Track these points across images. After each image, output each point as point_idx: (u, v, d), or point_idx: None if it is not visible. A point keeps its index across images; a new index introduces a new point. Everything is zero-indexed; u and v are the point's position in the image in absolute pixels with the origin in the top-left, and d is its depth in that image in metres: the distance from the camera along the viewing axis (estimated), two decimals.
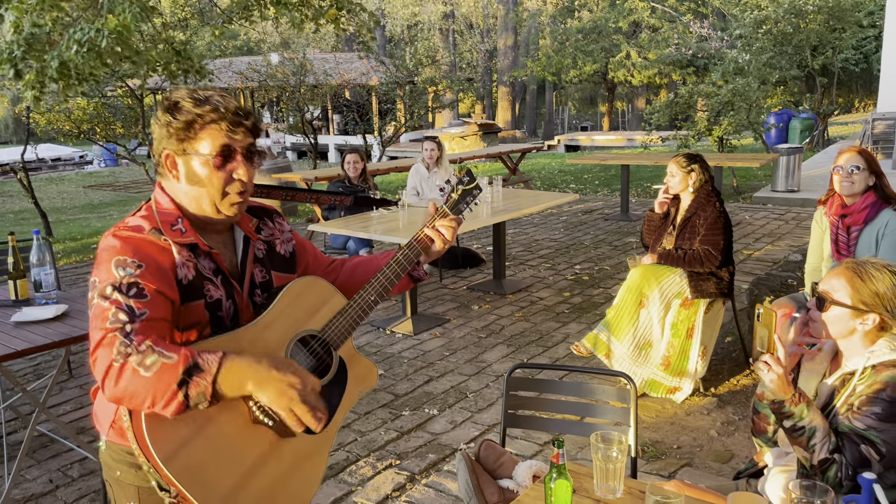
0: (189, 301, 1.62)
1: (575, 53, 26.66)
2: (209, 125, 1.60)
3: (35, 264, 3.51)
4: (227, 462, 1.55)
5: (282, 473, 1.63)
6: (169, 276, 1.59)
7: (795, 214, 9.28)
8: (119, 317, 1.49)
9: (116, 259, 1.55)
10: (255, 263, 1.78)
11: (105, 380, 1.45)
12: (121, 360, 1.44)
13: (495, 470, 2.43)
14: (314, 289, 1.78)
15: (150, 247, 1.59)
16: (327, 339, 1.77)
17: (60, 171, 24.67)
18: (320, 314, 1.77)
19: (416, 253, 1.91)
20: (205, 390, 1.46)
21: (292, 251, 1.91)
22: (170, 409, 1.45)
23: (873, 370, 1.92)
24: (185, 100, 1.60)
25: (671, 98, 12.21)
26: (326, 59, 21.50)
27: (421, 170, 7.06)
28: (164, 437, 1.48)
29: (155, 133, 1.64)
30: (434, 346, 5.18)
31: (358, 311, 1.81)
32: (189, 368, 1.45)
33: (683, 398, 4.15)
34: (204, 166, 1.62)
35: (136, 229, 1.61)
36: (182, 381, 1.44)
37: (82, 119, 12.03)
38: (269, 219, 1.88)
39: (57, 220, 12.18)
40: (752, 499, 1.61)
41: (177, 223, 1.65)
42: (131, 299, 1.52)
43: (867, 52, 24.64)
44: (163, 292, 1.56)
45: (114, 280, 1.53)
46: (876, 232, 3.46)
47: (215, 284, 1.67)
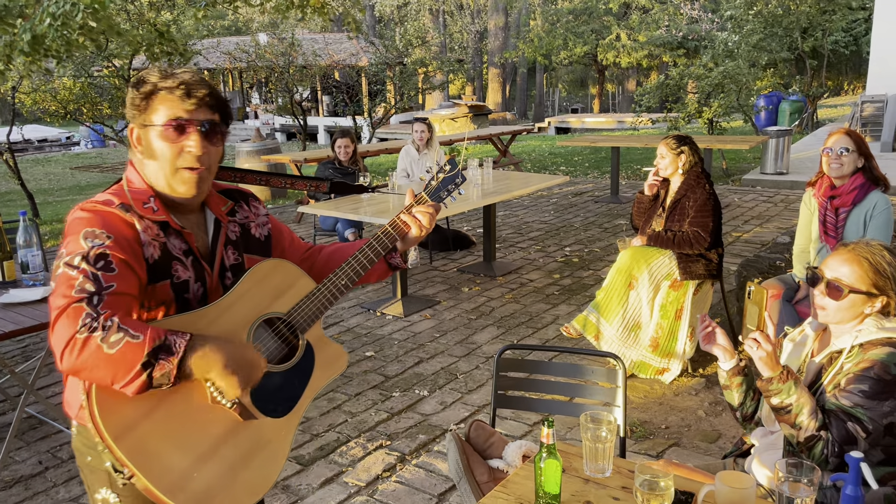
0: (155, 281, 1.60)
1: (565, 35, 26.56)
2: (164, 95, 1.58)
3: (22, 246, 3.48)
4: (182, 442, 1.51)
5: (241, 456, 1.60)
6: (137, 250, 1.57)
7: (784, 197, 9.32)
8: (86, 287, 1.46)
9: (86, 230, 1.53)
10: (228, 246, 1.76)
11: (65, 350, 1.40)
12: (85, 333, 1.40)
13: (485, 450, 2.44)
14: (280, 271, 1.75)
15: (118, 220, 1.57)
16: (293, 323, 1.74)
17: (47, 153, 24.44)
18: (287, 297, 1.74)
19: (392, 239, 1.86)
20: (169, 372, 1.44)
21: (268, 235, 1.88)
22: (131, 388, 1.42)
23: (861, 348, 1.94)
24: (151, 73, 1.60)
25: (661, 80, 12.21)
26: (315, 40, 21.33)
27: (411, 151, 7.03)
28: (115, 415, 1.45)
29: (128, 108, 1.64)
30: (424, 328, 5.19)
31: (326, 296, 1.78)
32: (155, 349, 1.43)
33: (672, 379, 4.18)
34: (158, 138, 1.60)
35: (104, 203, 1.60)
36: (147, 363, 1.42)
37: (68, 99, 11.90)
38: (244, 202, 1.85)
39: (44, 201, 12.08)
40: (740, 477, 1.62)
41: (149, 202, 1.63)
42: (99, 271, 1.49)
43: (857, 35, 24.64)
44: (131, 266, 1.54)
45: (82, 250, 1.50)
46: (864, 213, 3.48)
47: (184, 265, 1.65)
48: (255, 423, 1.63)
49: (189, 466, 1.51)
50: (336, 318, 5.43)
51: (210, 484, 1.53)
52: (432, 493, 3.20)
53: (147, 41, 7.16)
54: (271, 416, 1.66)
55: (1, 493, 3.30)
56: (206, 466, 1.54)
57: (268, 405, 1.66)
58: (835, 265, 2.01)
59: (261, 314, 1.68)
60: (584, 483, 1.82)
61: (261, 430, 1.64)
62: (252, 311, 1.67)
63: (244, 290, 1.67)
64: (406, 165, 7.03)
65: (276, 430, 1.68)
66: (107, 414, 1.44)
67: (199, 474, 1.52)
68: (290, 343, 1.76)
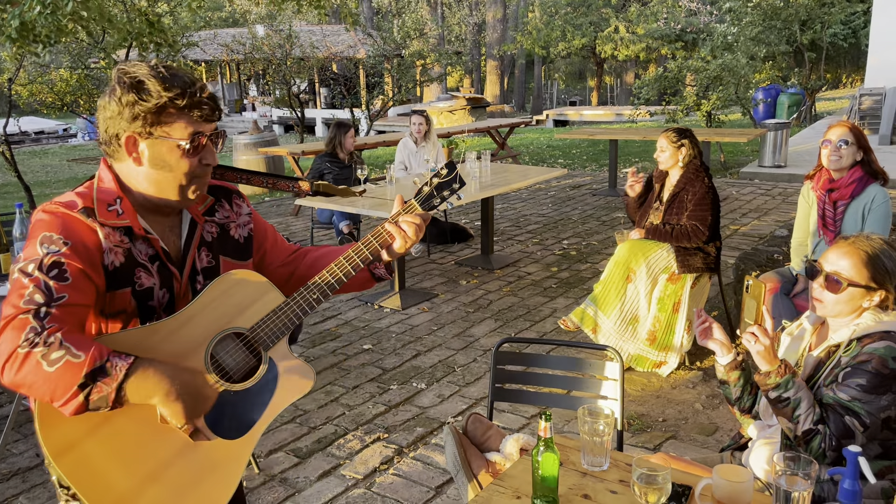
0: (115, 288, 1.54)
1: (564, 27, 26.48)
2: (183, 111, 1.52)
3: (18, 238, 3.47)
4: (127, 462, 1.47)
5: (191, 478, 1.53)
6: (95, 258, 1.51)
7: (782, 190, 9.32)
8: (35, 297, 1.42)
9: (43, 235, 1.48)
10: (201, 247, 1.69)
11: (6, 364, 1.37)
12: (26, 349, 1.37)
13: (483, 443, 2.44)
14: (247, 283, 1.64)
15: (79, 225, 1.52)
16: (255, 339, 1.64)
17: (44, 145, 24.36)
18: (251, 311, 1.63)
19: (373, 251, 1.73)
20: (107, 395, 1.40)
21: (248, 236, 1.80)
22: (68, 409, 1.39)
23: (858, 342, 1.94)
24: (150, 79, 1.50)
25: (660, 73, 12.18)
26: (313, 32, 21.27)
27: (409, 144, 7.01)
28: (58, 430, 1.41)
29: (109, 111, 1.53)
30: (422, 321, 5.18)
31: (295, 311, 1.66)
32: (94, 371, 1.38)
33: (669, 372, 4.18)
34: (173, 151, 1.54)
35: (67, 205, 1.53)
36: (84, 384, 1.37)
37: (65, 91, 11.85)
38: (226, 200, 1.78)
39: (41, 193, 12.04)
40: (737, 470, 1.62)
41: (114, 203, 1.56)
42: (52, 280, 1.44)
43: (856, 27, 24.61)
44: (88, 274, 1.49)
45: (37, 257, 1.45)
46: (862, 207, 3.48)
47: (149, 271, 1.59)
48: (207, 445, 1.56)
49: (133, 488, 1.47)
50: (334, 310, 5.42)
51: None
52: (430, 485, 3.20)
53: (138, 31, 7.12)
54: (226, 438, 1.59)
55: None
56: (152, 488, 1.49)
57: (223, 426, 1.59)
58: (834, 258, 2.01)
59: (221, 329, 1.60)
60: (581, 476, 1.82)
61: (213, 452, 1.57)
62: (212, 325, 1.59)
63: (206, 303, 1.59)
64: (404, 158, 7.01)
65: (229, 452, 1.59)
66: (49, 429, 1.41)
67: (142, 496, 1.47)
68: (252, 360, 1.67)
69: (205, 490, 1.55)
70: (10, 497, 3.21)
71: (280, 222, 8.56)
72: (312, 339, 4.91)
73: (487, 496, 1.78)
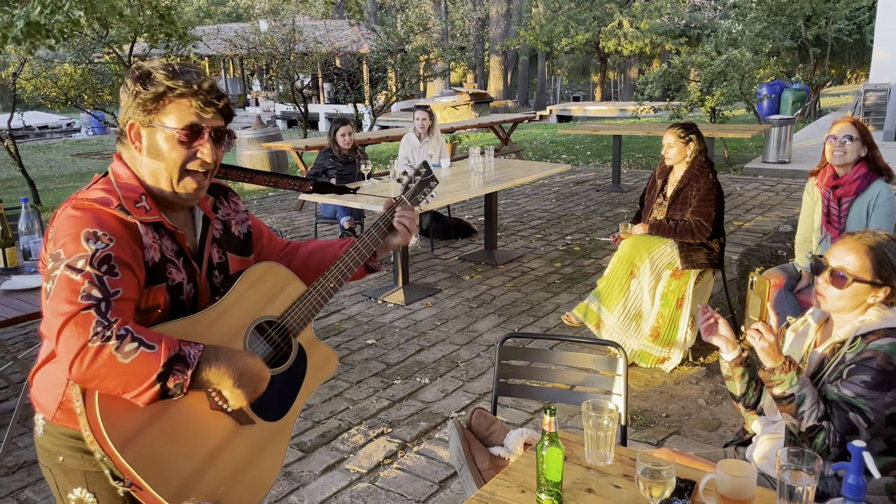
0: (152, 284, 1.56)
1: (567, 22, 26.40)
2: (179, 99, 1.54)
3: (24, 232, 3.48)
4: (184, 449, 1.51)
5: (241, 461, 1.61)
6: (139, 254, 1.53)
7: (786, 186, 9.30)
8: (92, 293, 1.41)
9: (86, 231, 1.46)
10: (213, 244, 1.73)
11: (75, 359, 1.37)
12: (97, 343, 1.37)
13: (487, 438, 2.44)
14: (273, 274, 1.75)
15: (118, 222, 1.52)
16: (286, 326, 1.74)
17: (48, 139, 24.38)
18: (279, 300, 1.74)
19: (376, 242, 1.89)
20: (183, 383, 1.43)
21: (247, 232, 1.84)
22: (143, 399, 1.41)
23: (863, 339, 1.94)
24: (158, 71, 1.54)
25: (664, 68, 12.15)
26: (316, 26, 21.23)
27: (412, 140, 7.01)
28: (119, 423, 1.43)
29: (123, 102, 1.57)
30: (426, 316, 5.19)
31: (317, 298, 1.78)
32: (171, 360, 1.41)
33: (672, 367, 4.19)
34: (167, 140, 1.55)
35: (101, 202, 1.53)
36: (162, 374, 1.40)
37: (69, 85, 11.86)
38: (224, 198, 1.81)
39: (45, 188, 12.06)
40: (741, 465, 1.63)
41: (141, 200, 1.57)
42: (104, 275, 1.43)
43: (860, 23, 24.52)
44: (133, 270, 1.50)
45: (85, 252, 1.44)
46: (867, 203, 3.48)
47: (177, 266, 1.62)
48: (252, 428, 1.64)
49: (193, 472, 1.51)
50: (338, 305, 5.43)
51: (214, 489, 1.54)
52: (433, 479, 3.21)
53: (148, 24, 7.15)
54: (267, 420, 1.67)
55: (4, 478, 3.32)
56: (210, 472, 1.54)
57: (263, 408, 1.67)
58: (839, 254, 2.01)
59: (255, 318, 1.69)
60: (585, 471, 1.83)
61: (258, 434, 1.65)
62: (247, 314, 1.67)
63: (239, 294, 1.67)
64: (407, 153, 7.01)
65: (272, 433, 1.69)
66: (111, 423, 1.43)
67: (202, 480, 1.52)
68: (283, 346, 1.76)
69: (256, 470, 1.64)
70: (16, 490, 3.22)
71: (284, 217, 8.57)
72: (317, 333, 4.89)
73: (492, 490, 1.78)
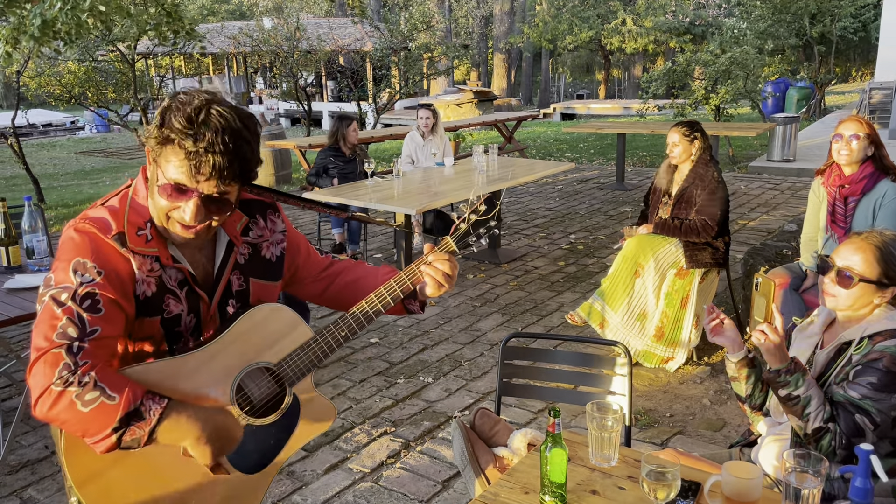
0: (145, 316, 1.52)
1: (571, 20, 26.35)
2: (178, 151, 1.42)
3: (27, 231, 3.48)
4: (148, 493, 1.48)
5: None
6: (128, 288, 1.48)
7: (791, 184, 9.27)
8: (68, 332, 1.39)
9: (76, 261, 1.43)
10: (235, 270, 1.65)
11: (39, 399, 1.36)
12: (60, 387, 1.35)
13: (490, 438, 2.44)
14: (276, 318, 1.62)
15: (112, 252, 1.47)
16: (282, 375, 1.63)
17: (52, 137, 24.42)
18: (279, 346, 1.62)
19: (405, 289, 1.68)
20: (140, 437, 1.41)
21: (280, 255, 1.73)
22: (100, 447, 1.39)
23: (870, 340, 1.92)
24: (178, 113, 1.40)
25: (668, 66, 12.11)
26: (320, 24, 21.23)
27: (416, 138, 7.00)
28: (83, 459, 1.42)
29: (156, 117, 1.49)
30: (429, 315, 5.18)
31: (323, 348, 1.65)
32: (128, 415, 1.38)
33: (677, 367, 4.17)
34: (158, 182, 1.47)
35: (100, 227, 1.48)
36: (117, 427, 1.38)
37: (73, 83, 11.88)
38: (261, 216, 1.70)
39: (49, 186, 12.08)
40: (747, 467, 1.62)
41: (144, 228, 1.51)
42: (85, 312, 1.41)
43: (866, 21, 24.41)
44: (120, 305, 1.46)
45: (69, 285, 1.42)
46: (873, 203, 3.45)
47: (178, 297, 1.56)
48: (225, 478, 1.58)
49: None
50: None
51: None
52: (437, 479, 3.20)
53: (155, 21, 7.17)
54: (245, 472, 1.60)
55: (8, 476, 3.32)
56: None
57: (242, 459, 1.60)
58: (846, 253, 1.99)
59: (248, 362, 1.59)
60: (589, 472, 1.82)
61: (231, 486, 1.59)
62: (241, 358, 1.57)
63: (236, 335, 1.57)
64: (411, 152, 7.00)
65: (247, 486, 1.62)
66: (75, 457, 1.42)
67: None
68: (276, 394, 1.66)
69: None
70: (19, 488, 3.22)
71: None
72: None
73: (495, 491, 1.77)
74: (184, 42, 7.50)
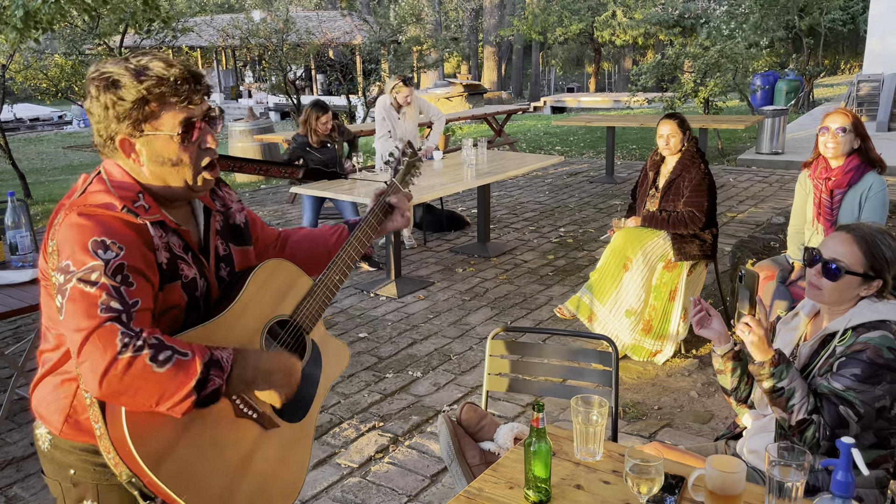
0: (168, 282, 1.50)
1: (561, 12, 26.33)
2: (164, 100, 1.44)
3: (10, 227, 3.45)
4: (215, 462, 1.48)
5: (272, 466, 1.59)
6: (149, 257, 1.46)
7: (779, 177, 9.30)
8: (111, 305, 1.34)
9: (93, 241, 1.38)
10: (217, 236, 1.67)
11: (105, 374, 1.29)
12: (128, 354, 1.30)
13: (477, 433, 2.43)
14: (281, 271, 1.69)
15: (126, 227, 1.44)
16: (299, 324, 1.71)
17: (39, 132, 24.25)
18: (289, 298, 1.70)
19: (374, 228, 1.85)
20: (219, 388, 1.39)
21: (245, 221, 1.79)
22: (179, 409, 1.35)
23: (854, 332, 1.93)
24: (122, 75, 1.42)
25: (658, 59, 12.12)
26: (309, 18, 21.11)
27: (391, 110, 6.41)
28: (148, 441, 1.38)
29: (95, 114, 1.46)
30: (418, 309, 5.17)
31: (325, 293, 1.75)
32: (206, 365, 1.36)
33: (665, 360, 4.18)
34: (167, 144, 1.48)
35: (106, 206, 1.45)
36: (200, 380, 1.34)
37: (59, 77, 11.78)
38: (217, 188, 1.74)
39: (36, 181, 11.99)
40: (731, 461, 1.62)
41: (138, 199, 1.49)
42: (120, 285, 1.37)
43: (854, 13, 24.50)
44: (147, 276, 1.44)
45: (95, 264, 1.36)
46: (859, 195, 3.47)
47: (187, 263, 1.56)
48: (277, 431, 1.62)
49: (227, 484, 1.49)
50: None
51: (249, 497, 1.53)
52: (425, 474, 3.20)
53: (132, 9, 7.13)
54: (291, 422, 1.65)
55: None
56: (243, 482, 1.52)
57: (285, 410, 1.63)
58: (832, 246, 1.99)
59: (268, 318, 1.65)
60: (574, 466, 1.82)
61: (284, 437, 1.64)
62: (260, 316, 1.63)
63: (251, 296, 1.61)
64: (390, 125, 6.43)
65: (297, 434, 1.68)
66: (140, 442, 1.37)
67: (236, 491, 1.51)
68: (297, 344, 1.73)
69: (286, 473, 1.63)
70: (3, 487, 3.20)
71: (276, 210, 8.52)
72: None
73: (480, 486, 1.77)
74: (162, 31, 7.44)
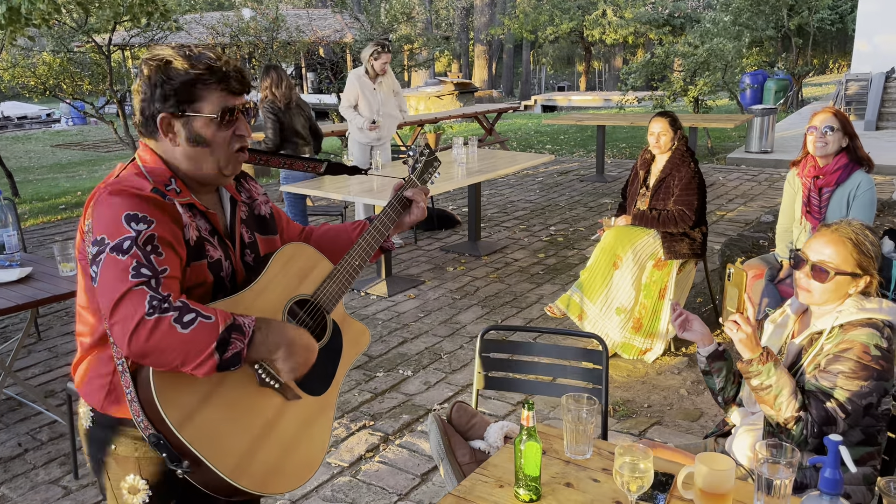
0: (195, 260, 1.59)
1: (552, 11, 26.36)
2: (210, 86, 1.57)
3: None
4: (238, 425, 1.53)
5: (291, 437, 1.63)
6: (178, 233, 1.55)
7: (768, 175, 9.34)
8: (142, 271, 1.43)
9: (127, 214, 1.48)
10: (242, 224, 1.76)
11: (133, 334, 1.37)
12: (155, 315, 1.38)
13: (467, 431, 2.43)
14: (302, 254, 1.79)
15: (156, 205, 1.53)
16: (319, 303, 1.78)
17: (27, 130, 24.06)
18: (310, 279, 1.78)
19: (392, 220, 1.93)
20: (240, 352, 1.45)
21: (270, 213, 1.88)
22: (202, 370, 1.42)
23: (841, 329, 1.94)
24: (175, 58, 1.55)
25: (647, 58, 12.14)
26: (300, 15, 21.03)
27: (365, 81, 6.19)
28: (175, 402, 1.45)
29: (141, 93, 1.57)
30: (409, 308, 5.17)
31: (345, 276, 1.83)
32: (228, 328, 1.43)
33: (654, 358, 4.19)
34: (207, 126, 1.58)
35: (137, 186, 1.54)
36: (221, 342, 1.42)
37: (48, 75, 11.69)
38: (244, 180, 1.85)
39: (24, 179, 11.91)
40: (719, 458, 1.62)
41: (170, 183, 1.59)
42: (151, 254, 1.46)
43: (843, 13, 24.64)
44: (175, 249, 1.53)
45: (128, 234, 1.46)
46: (847, 193, 3.49)
47: (213, 245, 1.65)
48: (299, 403, 1.66)
49: (248, 448, 1.54)
50: None
51: (269, 464, 1.57)
52: (415, 472, 3.20)
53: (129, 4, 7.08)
54: (312, 395, 1.70)
55: None
56: (263, 448, 1.57)
57: (308, 384, 1.69)
58: (818, 247, 2.00)
59: (290, 296, 1.72)
60: (564, 465, 1.82)
61: (305, 409, 1.68)
62: (282, 294, 1.70)
63: (273, 274, 1.70)
64: (357, 96, 6.17)
65: (318, 407, 1.72)
66: (167, 402, 1.44)
67: (256, 456, 1.55)
68: (318, 323, 1.80)
69: (306, 444, 1.66)
70: None
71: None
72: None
73: (470, 485, 1.77)
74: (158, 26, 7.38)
